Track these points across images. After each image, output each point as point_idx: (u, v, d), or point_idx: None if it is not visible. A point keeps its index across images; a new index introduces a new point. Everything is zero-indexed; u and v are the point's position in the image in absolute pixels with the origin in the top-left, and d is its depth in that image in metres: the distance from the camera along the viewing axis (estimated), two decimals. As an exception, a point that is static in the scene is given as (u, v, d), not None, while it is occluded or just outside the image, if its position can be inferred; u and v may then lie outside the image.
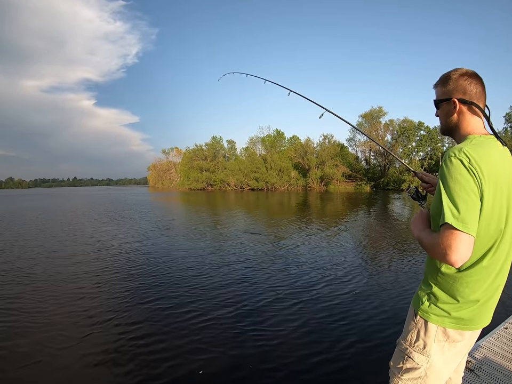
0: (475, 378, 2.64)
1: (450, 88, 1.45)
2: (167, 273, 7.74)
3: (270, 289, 6.60)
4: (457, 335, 1.44)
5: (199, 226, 16.24)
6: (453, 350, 1.48)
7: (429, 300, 1.47)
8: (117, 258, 9.36)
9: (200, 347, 4.40)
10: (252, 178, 64.47)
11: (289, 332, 4.83)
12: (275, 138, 71.05)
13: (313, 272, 7.69)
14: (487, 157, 1.30)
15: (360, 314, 5.39)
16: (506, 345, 3.10)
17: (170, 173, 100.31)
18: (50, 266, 8.56)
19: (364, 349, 4.33)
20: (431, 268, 1.50)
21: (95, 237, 13.29)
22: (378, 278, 7.35)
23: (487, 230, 1.33)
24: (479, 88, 1.42)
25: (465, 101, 1.42)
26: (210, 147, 78.48)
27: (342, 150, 63.45)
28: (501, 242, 1.37)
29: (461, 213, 1.21)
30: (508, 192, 1.35)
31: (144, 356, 4.20)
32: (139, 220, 18.53)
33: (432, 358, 1.48)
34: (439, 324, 1.43)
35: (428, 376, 1.50)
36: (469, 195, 1.23)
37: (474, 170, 1.25)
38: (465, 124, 1.45)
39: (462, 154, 1.28)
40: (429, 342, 1.47)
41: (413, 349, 1.52)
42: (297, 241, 11.70)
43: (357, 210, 22.59)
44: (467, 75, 1.42)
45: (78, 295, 6.41)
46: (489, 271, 1.38)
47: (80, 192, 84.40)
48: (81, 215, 22.17)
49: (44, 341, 4.60)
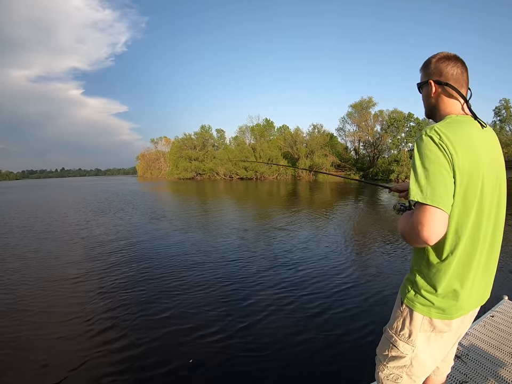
0: (462, 365, 2.71)
1: (428, 71, 1.47)
2: (156, 263, 7.81)
3: (258, 279, 6.64)
4: (444, 325, 1.41)
5: (189, 216, 16.28)
6: (439, 340, 1.46)
7: (414, 289, 1.44)
8: (107, 251, 9.24)
9: (190, 335, 4.44)
10: (241, 168, 64.32)
11: (278, 321, 4.91)
12: (264, 127, 70.90)
13: (302, 262, 7.85)
14: (461, 134, 1.29)
15: (349, 302, 5.47)
16: (493, 332, 3.16)
17: (159, 162, 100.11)
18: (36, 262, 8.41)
19: (352, 336, 4.41)
20: (416, 256, 1.47)
21: (83, 231, 13.22)
22: (367, 267, 7.48)
23: (464, 210, 1.29)
24: (457, 70, 1.41)
25: (441, 82, 1.42)
26: (199, 136, 78.19)
27: (332, 139, 63.60)
28: (481, 226, 1.34)
29: (430, 187, 1.20)
30: (488, 173, 1.32)
31: (133, 346, 4.24)
32: (131, 211, 18.36)
33: (417, 348, 1.45)
34: (424, 313, 1.40)
35: (413, 365, 1.48)
36: (439, 170, 1.22)
37: (445, 147, 1.23)
38: (443, 105, 1.45)
39: (432, 131, 1.27)
40: (414, 331, 1.44)
41: (398, 338, 1.50)
42: (287, 231, 11.83)
43: (345, 200, 22.68)
44: (445, 58, 1.43)
45: (66, 288, 6.36)
46: (472, 258, 1.35)
47: (68, 183, 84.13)
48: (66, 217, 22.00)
49: (30, 334, 4.60)
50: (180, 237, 10.73)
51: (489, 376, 2.51)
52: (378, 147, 59.20)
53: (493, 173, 1.35)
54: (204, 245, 9.59)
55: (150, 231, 11.96)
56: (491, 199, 1.35)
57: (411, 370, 1.48)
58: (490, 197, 1.34)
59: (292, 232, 11.34)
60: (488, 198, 1.32)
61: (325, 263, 7.61)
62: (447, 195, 1.21)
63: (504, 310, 3.62)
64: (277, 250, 8.80)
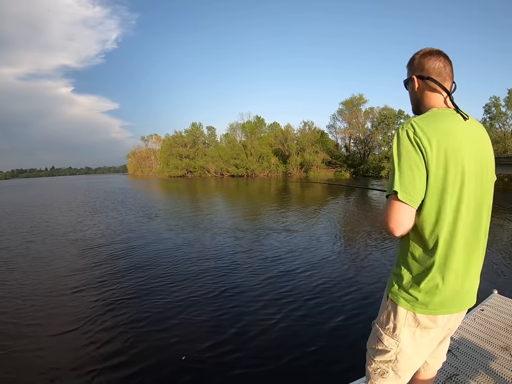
0: (453, 358, 2.68)
1: (412, 67, 1.48)
2: (148, 260, 7.80)
3: (248, 275, 6.66)
4: (429, 321, 1.38)
5: (180, 214, 16.19)
6: (425, 337, 1.43)
7: (398, 282, 1.43)
8: (100, 249, 9.19)
9: (182, 334, 4.45)
10: (232, 165, 64.26)
11: (269, 316, 4.90)
12: (255, 124, 70.78)
13: (293, 258, 7.85)
14: (439, 127, 1.29)
15: (340, 298, 5.50)
16: (483, 326, 3.18)
17: (149, 160, 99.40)
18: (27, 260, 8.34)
19: (344, 331, 4.45)
20: (401, 250, 1.46)
21: (75, 230, 13.08)
22: (358, 263, 7.57)
23: (443, 204, 1.28)
24: (439, 64, 1.41)
25: (423, 77, 1.43)
26: (190, 134, 77.82)
27: (322, 136, 63.83)
28: (464, 219, 1.32)
29: (399, 182, 1.24)
30: (471, 165, 1.30)
31: (126, 344, 4.23)
32: (123, 211, 18.13)
33: (402, 343, 1.44)
34: (408, 308, 1.39)
35: (398, 361, 1.46)
36: (409, 165, 1.24)
37: (418, 140, 1.25)
38: (426, 100, 1.45)
39: (408, 125, 1.29)
40: (398, 326, 1.43)
41: (384, 332, 1.48)
42: (277, 228, 11.84)
43: (336, 197, 22.71)
44: (427, 53, 1.43)
45: (59, 287, 6.32)
46: (455, 252, 1.32)
47: (58, 182, 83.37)
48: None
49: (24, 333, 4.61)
50: (174, 238, 10.50)
51: (480, 369, 2.52)
52: (369, 144, 59.54)
53: (477, 166, 1.33)
54: (197, 244, 9.55)
55: (144, 232, 11.67)
56: (475, 192, 1.33)
57: (396, 366, 1.47)
58: (474, 190, 1.32)
59: (283, 230, 11.35)
60: (471, 191, 1.31)
61: (316, 259, 7.64)
62: (415, 190, 1.24)
63: (494, 304, 3.63)
64: (267, 248, 8.81)
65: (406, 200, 1.23)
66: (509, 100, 42.72)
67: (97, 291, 5.95)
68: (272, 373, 3.64)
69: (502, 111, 43.79)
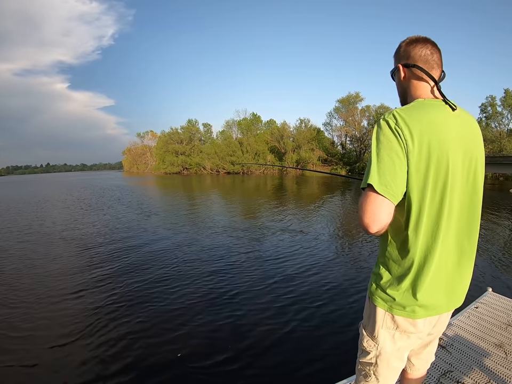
0: (447, 354, 2.70)
1: (398, 56, 1.41)
2: (145, 262, 7.69)
3: (244, 274, 6.65)
4: (408, 324, 1.31)
5: (177, 212, 16.19)
6: (406, 341, 1.37)
7: (376, 282, 1.37)
8: (96, 250, 9.09)
9: (177, 330, 4.48)
10: (228, 162, 64.17)
11: (265, 315, 4.93)
12: (251, 121, 70.66)
13: (289, 257, 7.88)
14: (423, 117, 1.20)
15: (335, 298, 5.49)
16: (477, 323, 3.22)
17: (145, 157, 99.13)
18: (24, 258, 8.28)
19: (339, 330, 4.48)
20: (380, 248, 1.40)
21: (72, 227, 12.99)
22: (353, 261, 7.47)
23: (424, 198, 1.19)
24: (425, 51, 1.33)
25: (408, 65, 1.35)
26: (186, 130, 77.64)
27: (318, 134, 63.76)
28: (449, 216, 1.23)
29: (377, 174, 1.14)
30: (458, 158, 1.22)
31: (123, 342, 4.23)
32: (121, 209, 17.95)
33: (381, 346, 1.38)
34: (385, 309, 1.32)
35: (378, 365, 1.42)
36: (389, 156, 1.15)
37: (400, 131, 1.16)
38: (413, 89, 1.37)
39: (390, 115, 1.21)
40: (376, 327, 1.37)
41: (365, 332, 1.45)
42: (273, 226, 11.89)
43: (332, 195, 22.71)
44: (413, 40, 1.36)
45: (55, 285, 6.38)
46: (436, 251, 1.23)
47: (54, 179, 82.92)
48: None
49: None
50: (173, 238, 10.25)
51: (474, 365, 2.54)
52: (365, 142, 59.52)
53: (465, 159, 1.25)
54: (195, 245, 9.50)
55: (141, 232, 11.39)
56: (462, 187, 1.25)
57: (377, 370, 1.42)
58: (460, 185, 1.24)
59: (278, 227, 11.36)
60: (457, 186, 1.23)
61: (312, 257, 7.66)
62: (395, 183, 1.14)
63: (488, 301, 3.67)
64: (263, 246, 8.85)
65: (385, 194, 1.12)
66: (505, 99, 42.87)
67: (93, 295, 5.77)
68: (270, 371, 3.67)
69: (498, 111, 43.94)
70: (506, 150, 38.39)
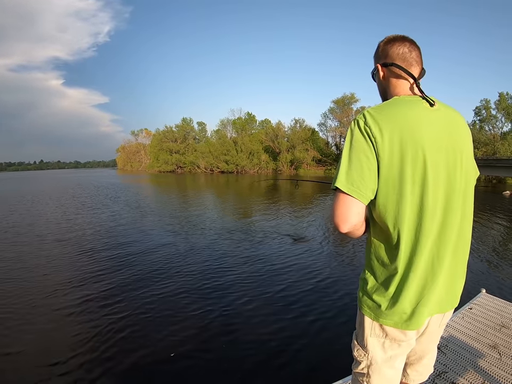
0: (442, 355, 2.69)
1: (377, 56, 1.39)
2: (138, 258, 7.74)
3: (237, 275, 6.58)
4: (398, 333, 1.23)
5: (171, 211, 16.01)
6: (397, 349, 1.28)
7: (362, 289, 1.32)
8: (90, 246, 9.08)
9: (171, 330, 4.41)
10: (222, 161, 64.15)
11: (258, 315, 4.87)
12: (246, 121, 70.73)
13: (281, 259, 7.79)
14: (396, 115, 1.17)
15: (327, 302, 5.38)
16: (471, 324, 3.22)
17: (139, 155, 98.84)
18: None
19: (337, 330, 4.42)
20: (367, 251, 1.34)
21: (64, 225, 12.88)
22: (344, 265, 7.41)
23: (402, 198, 1.14)
24: (403, 49, 1.30)
25: (386, 64, 1.32)
26: (181, 129, 77.61)
27: (313, 134, 63.97)
28: (430, 215, 1.15)
29: (345, 174, 1.13)
30: (436, 155, 1.17)
31: (115, 341, 4.15)
32: (116, 208, 17.71)
33: (371, 355, 1.31)
34: (372, 318, 1.26)
35: (370, 375, 1.33)
36: (357, 156, 1.14)
37: (369, 130, 1.14)
38: (392, 88, 1.35)
39: (360, 116, 1.19)
40: (365, 335, 1.30)
41: (356, 340, 1.38)
42: (266, 226, 11.88)
43: (326, 195, 22.68)
44: (391, 39, 1.34)
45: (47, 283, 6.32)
46: (420, 254, 1.16)
47: (47, 176, 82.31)
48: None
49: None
50: (174, 240, 9.96)
51: (468, 366, 2.54)
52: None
53: (448, 155, 1.20)
54: (186, 239, 9.56)
55: (136, 233, 11.01)
56: (446, 184, 1.19)
57: (370, 381, 1.33)
58: (443, 182, 1.18)
59: (271, 229, 11.36)
60: (439, 183, 1.17)
61: (304, 258, 7.63)
62: (363, 183, 1.12)
63: (482, 302, 3.67)
64: (256, 247, 8.81)
65: (352, 193, 1.11)
66: (499, 103, 43.21)
67: (78, 294, 5.75)
68: (265, 372, 3.65)
69: (492, 114, 44.27)
70: (499, 152, 38.70)
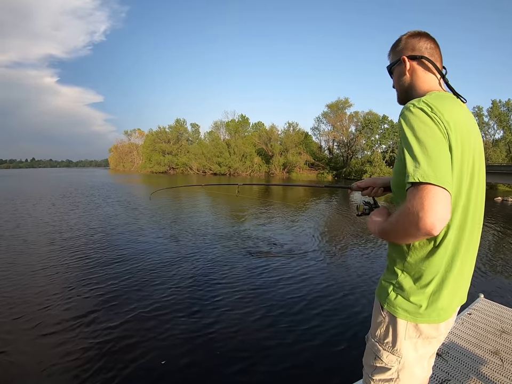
0: (443, 363, 2.63)
1: (399, 49, 1.33)
2: (128, 261, 7.46)
3: (230, 278, 6.45)
4: (432, 329, 1.22)
5: (162, 213, 15.75)
6: (427, 347, 1.27)
7: (395, 291, 1.23)
8: (79, 248, 8.70)
9: (161, 337, 4.26)
10: (215, 163, 64.12)
11: (252, 319, 4.77)
12: (240, 123, 70.90)
13: (276, 262, 7.68)
14: (450, 109, 1.10)
15: (325, 306, 5.29)
16: (471, 330, 3.17)
17: (132, 155, 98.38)
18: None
19: (331, 343, 4.20)
20: (397, 251, 1.25)
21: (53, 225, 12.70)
22: (341, 268, 7.47)
23: (457, 194, 1.11)
24: (430, 45, 1.28)
25: (415, 56, 1.28)
26: (174, 130, 77.62)
27: (306, 138, 64.31)
28: (470, 212, 1.16)
29: (431, 164, 0.97)
30: (475, 152, 1.16)
31: (105, 348, 3.98)
32: (108, 209, 17.50)
33: (404, 358, 1.25)
34: (408, 319, 1.20)
35: (401, 378, 1.27)
36: (437, 144, 1.01)
37: (438, 119, 1.04)
38: (420, 82, 1.28)
39: (421, 103, 1.08)
40: (399, 339, 1.24)
41: (382, 347, 1.29)
42: (258, 229, 11.70)
43: (318, 199, 22.68)
44: (416, 34, 1.30)
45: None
46: (459, 249, 1.16)
47: (39, 174, 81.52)
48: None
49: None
50: (169, 242, 9.89)
51: (471, 373, 2.47)
52: (352, 147, 60.21)
53: (481, 156, 1.20)
54: (176, 242, 9.46)
55: (131, 236, 10.45)
56: (479, 186, 1.18)
57: None
58: (478, 183, 1.17)
59: (264, 232, 11.28)
60: (479, 183, 1.17)
61: (299, 263, 7.55)
62: (449, 173, 0.98)
63: (481, 307, 3.63)
64: (249, 251, 8.69)
65: (443, 184, 0.93)
66: (492, 110, 43.71)
67: (71, 297, 5.64)
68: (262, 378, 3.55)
69: (484, 121, 44.78)
70: (491, 159, 39.18)
